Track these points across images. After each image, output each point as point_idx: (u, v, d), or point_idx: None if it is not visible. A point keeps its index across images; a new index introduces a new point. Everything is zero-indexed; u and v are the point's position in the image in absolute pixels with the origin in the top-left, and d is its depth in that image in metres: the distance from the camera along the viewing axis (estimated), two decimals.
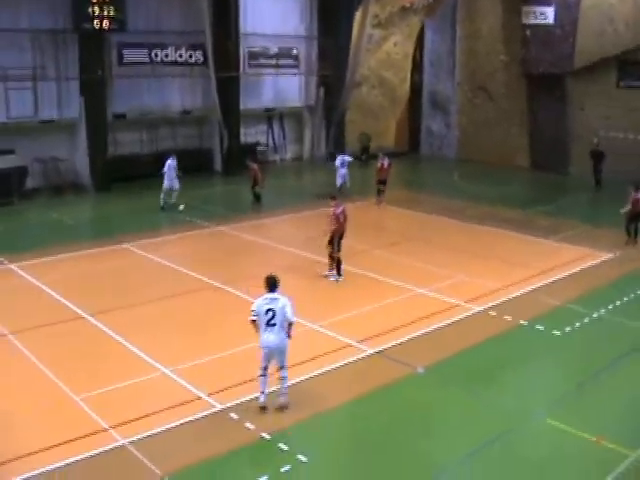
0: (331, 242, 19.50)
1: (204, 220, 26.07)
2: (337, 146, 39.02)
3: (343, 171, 30.81)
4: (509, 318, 16.76)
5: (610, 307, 17.77)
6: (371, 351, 14.63)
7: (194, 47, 34.33)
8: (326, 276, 19.60)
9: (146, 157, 33.57)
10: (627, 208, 23.75)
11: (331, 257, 19.61)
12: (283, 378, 12.19)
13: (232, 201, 31.58)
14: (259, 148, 38.41)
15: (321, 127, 40.92)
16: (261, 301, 12.05)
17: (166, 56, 33.69)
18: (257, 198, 29.06)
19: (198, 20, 33.65)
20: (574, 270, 20.94)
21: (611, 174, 33.67)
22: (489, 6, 41.09)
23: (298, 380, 13.01)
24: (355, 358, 14.30)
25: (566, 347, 15.56)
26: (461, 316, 16.93)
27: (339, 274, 19.46)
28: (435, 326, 16.15)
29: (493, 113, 41.52)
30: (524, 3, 37.98)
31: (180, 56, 34.16)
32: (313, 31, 40.04)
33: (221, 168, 36.28)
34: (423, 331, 15.82)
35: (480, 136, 41.19)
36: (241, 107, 36.35)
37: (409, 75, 44.73)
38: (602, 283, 19.93)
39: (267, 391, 12.15)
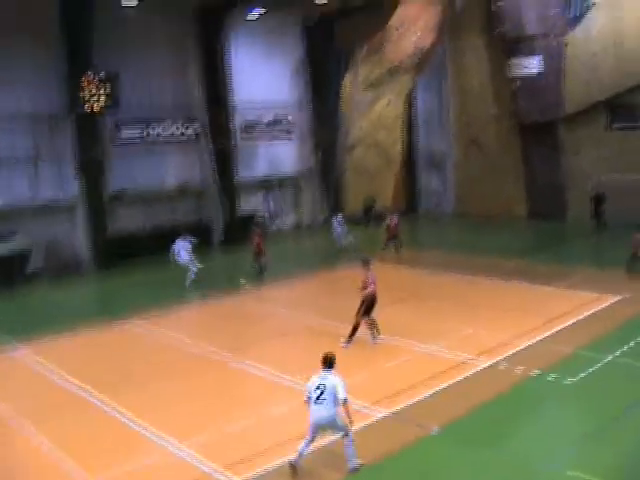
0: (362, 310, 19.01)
1: (209, 293, 26.03)
2: (336, 210, 39.32)
3: (339, 230, 32.89)
4: (520, 370, 16.59)
5: (622, 351, 17.60)
6: (384, 413, 14.44)
7: (188, 121, 34.88)
8: (374, 341, 19.13)
9: (146, 233, 33.72)
10: None
11: (369, 324, 19.14)
12: (349, 444, 12.20)
13: (235, 271, 31.45)
14: (258, 217, 38.61)
15: (319, 192, 41.18)
16: (314, 378, 12.26)
17: (161, 131, 34.22)
18: (261, 270, 28.64)
19: (191, 94, 34.19)
20: (582, 315, 20.83)
21: (610, 216, 33.89)
22: (476, 61, 41.75)
23: (313, 448, 12.83)
24: (369, 421, 14.07)
25: (580, 395, 15.37)
26: (472, 372, 16.75)
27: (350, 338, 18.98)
28: (447, 384, 15.96)
29: (488, 166, 41.82)
30: (510, 55, 38.58)
31: (175, 131, 34.71)
32: (305, 97, 40.57)
33: (221, 239, 36.37)
34: (435, 390, 15.62)
35: (476, 190, 41.43)
36: (237, 177, 36.66)
37: (402, 134, 45.03)
38: (611, 327, 19.74)
39: (304, 454, 12.11)
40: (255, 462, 12.49)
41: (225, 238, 36.16)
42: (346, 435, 12.22)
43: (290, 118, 40.08)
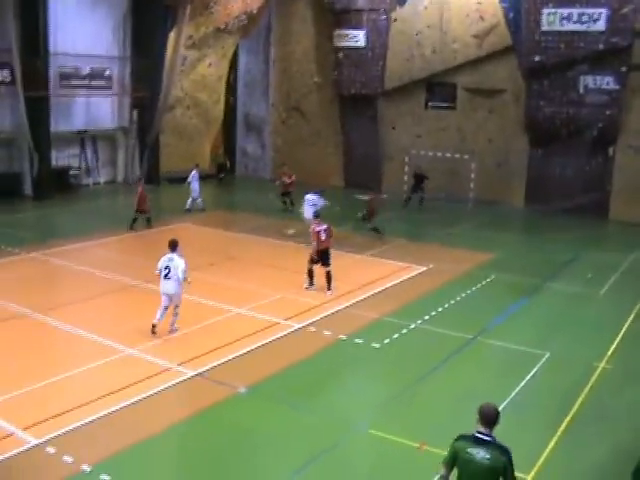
0: (312, 259, 20.43)
1: (15, 247, 24.70)
2: (151, 168, 38.65)
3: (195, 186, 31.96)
4: (329, 333, 16.94)
5: (426, 317, 18.36)
6: (192, 373, 14.34)
7: (1, 65, 32.87)
8: (306, 289, 20.49)
9: None
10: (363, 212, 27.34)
11: (309, 273, 20.56)
12: (176, 314, 16.48)
13: (44, 226, 30.10)
14: (72, 171, 37.39)
15: (135, 149, 40.18)
16: (162, 259, 16.17)
17: None
18: (148, 221, 28.04)
19: (4, 37, 32.29)
20: (390, 284, 21.55)
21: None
22: (303, 28, 41.90)
23: (119, 407, 12.61)
24: (176, 381, 13.96)
25: (385, 358, 15.89)
26: (282, 334, 16.94)
27: (329, 288, 20.26)
28: (256, 345, 16.06)
29: (307, 134, 42.26)
30: (336, 26, 39.00)
31: None
32: (126, 51, 39.26)
33: (32, 192, 34.71)
34: (244, 351, 15.69)
35: (295, 156, 41.63)
36: (52, 129, 35.08)
37: (223, 96, 44.72)
38: (417, 295, 20.57)
39: (161, 319, 16.22)
40: (54, 423, 12.05)
41: (36, 192, 34.46)
42: (177, 307, 16.36)
43: (110, 72, 38.74)
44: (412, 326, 17.71)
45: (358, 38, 38.61)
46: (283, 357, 15.52)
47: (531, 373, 15.12)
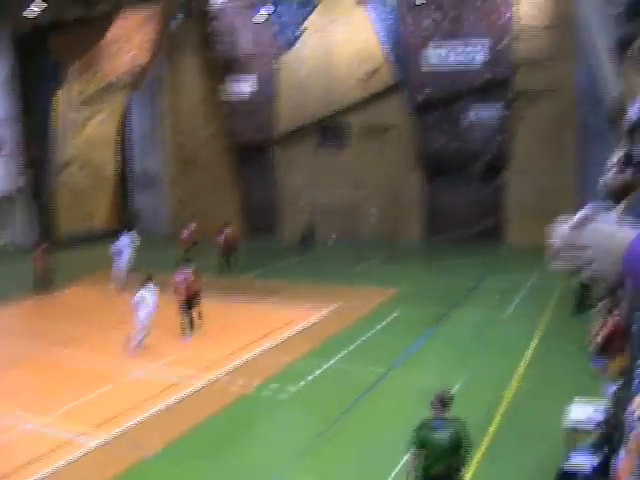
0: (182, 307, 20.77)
1: None
2: (47, 230, 37.81)
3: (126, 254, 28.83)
4: (241, 383, 16.72)
5: (337, 357, 18.37)
6: (96, 442, 13.69)
7: None
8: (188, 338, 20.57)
9: None
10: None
11: (189, 323, 20.78)
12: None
13: None
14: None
15: (29, 212, 39.34)
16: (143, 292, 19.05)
17: None
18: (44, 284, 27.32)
19: None
20: (299, 327, 21.48)
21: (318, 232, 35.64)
22: (192, 80, 42.06)
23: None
24: (89, 447, 13.44)
25: (302, 402, 15.77)
26: (189, 391, 16.49)
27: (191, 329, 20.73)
28: (163, 406, 15.53)
29: (203, 185, 42.20)
30: (225, 76, 39.22)
31: None
32: (15, 112, 38.54)
33: None
34: (152, 413, 15.14)
35: (192, 209, 41.44)
36: None
37: (117, 152, 44.22)
38: (327, 335, 20.53)
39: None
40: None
41: None
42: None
43: (0, 133, 37.92)
44: (325, 366, 17.67)
45: (245, 87, 38.99)
46: (193, 414, 15.10)
47: None
